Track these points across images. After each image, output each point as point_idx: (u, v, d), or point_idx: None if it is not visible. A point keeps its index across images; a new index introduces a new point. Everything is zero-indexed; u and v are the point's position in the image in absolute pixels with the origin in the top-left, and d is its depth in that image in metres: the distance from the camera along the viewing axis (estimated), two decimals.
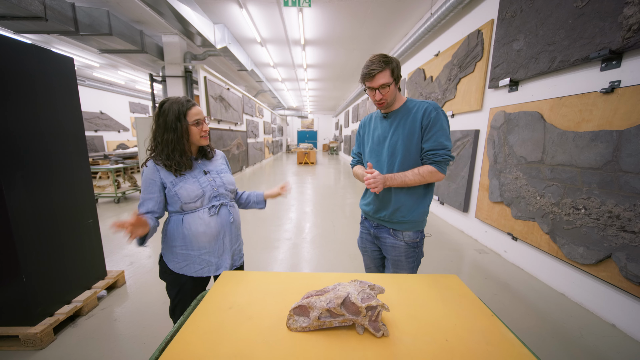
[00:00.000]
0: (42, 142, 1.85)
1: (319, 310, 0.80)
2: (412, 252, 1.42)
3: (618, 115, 1.94)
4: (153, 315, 2.11)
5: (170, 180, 1.24)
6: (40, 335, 1.73)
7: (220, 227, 1.34)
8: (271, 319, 0.87)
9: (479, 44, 3.51)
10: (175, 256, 1.31)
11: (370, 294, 0.82)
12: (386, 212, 1.41)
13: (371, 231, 1.53)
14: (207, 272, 1.34)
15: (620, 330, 1.97)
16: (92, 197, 2.28)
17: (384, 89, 1.27)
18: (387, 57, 1.25)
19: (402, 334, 0.81)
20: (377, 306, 0.79)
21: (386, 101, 1.32)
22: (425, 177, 1.29)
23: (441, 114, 1.29)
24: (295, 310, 0.84)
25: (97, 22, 4.92)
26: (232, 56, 7.02)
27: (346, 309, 0.80)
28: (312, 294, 0.86)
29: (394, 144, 1.36)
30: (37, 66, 1.82)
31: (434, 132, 1.28)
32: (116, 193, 5.56)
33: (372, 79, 1.26)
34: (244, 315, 0.89)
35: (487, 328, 0.84)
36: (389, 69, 1.24)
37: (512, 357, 0.73)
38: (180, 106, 1.22)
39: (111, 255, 3.11)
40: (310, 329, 0.82)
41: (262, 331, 0.82)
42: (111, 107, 11.67)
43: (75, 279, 2.12)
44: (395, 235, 1.41)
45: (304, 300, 0.84)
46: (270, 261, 3.07)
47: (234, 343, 0.77)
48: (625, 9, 1.87)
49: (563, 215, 2.35)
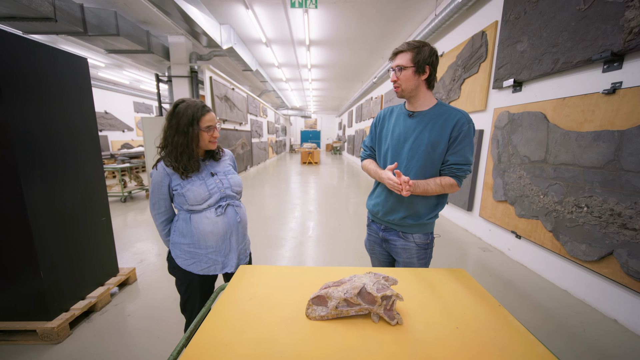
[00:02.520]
0: (59, 141, 1.89)
1: (337, 300, 0.84)
2: (424, 253, 1.39)
3: (619, 115, 1.99)
4: (165, 311, 2.16)
5: (178, 183, 1.27)
6: (57, 330, 1.77)
7: (228, 226, 1.35)
8: (290, 309, 0.91)
9: (483, 45, 3.56)
10: (182, 253, 1.33)
11: (385, 285, 0.86)
12: (396, 216, 1.36)
13: (380, 234, 1.48)
14: (213, 270, 1.35)
15: (621, 325, 2.02)
16: (105, 195, 2.32)
17: (399, 72, 1.22)
18: (420, 43, 1.20)
19: (415, 322, 0.85)
20: (392, 296, 0.83)
21: (400, 87, 1.25)
22: (445, 189, 1.26)
23: (472, 128, 1.23)
24: (314, 300, 0.88)
25: (105, 23, 5.00)
26: (238, 56, 7.08)
27: (362, 299, 0.84)
28: (329, 284, 0.90)
29: (416, 148, 1.27)
30: (52, 66, 1.85)
31: (463, 146, 1.22)
32: (123, 192, 5.62)
33: (395, 57, 1.24)
34: (264, 305, 0.93)
35: (494, 317, 0.88)
36: (412, 53, 1.19)
37: (519, 344, 0.77)
38: (195, 111, 1.22)
39: (122, 253, 3.17)
40: (328, 317, 0.86)
41: (283, 320, 0.86)
42: (115, 107, 11.75)
43: (89, 275, 2.16)
44: (405, 237, 1.37)
45: (322, 291, 0.88)
46: (278, 258, 3.13)
47: (258, 330, 0.81)
48: (627, 12, 1.92)
49: (566, 214, 2.40)
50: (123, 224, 4.29)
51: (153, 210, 1.33)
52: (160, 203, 1.31)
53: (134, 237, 3.72)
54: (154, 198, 1.30)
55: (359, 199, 6.13)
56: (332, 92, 15.34)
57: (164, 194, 1.30)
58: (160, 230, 1.38)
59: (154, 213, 1.33)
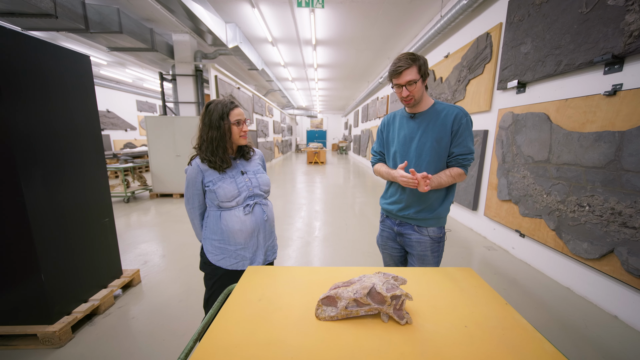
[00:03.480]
0: (61, 140, 1.85)
1: (347, 300, 0.85)
2: (437, 246, 1.47)
3: (620, 116, 2.03)
4: (170, 313, 2.15)
5: (211, 180, 1.35)
6: (59, 334, 1.73)
7: (255, 225, 1.42)
8: (300, 310, 0.91)
9: (488, 47, 3.60)
10: (213, 248, 1.41)
11: (394, 284, 0.87)
12: (411, 210, 1.44)
13: (394, 229, 1.55)
14: (241, 266, 1.42)
15: (621, 321, 2.07)
16: (108, 196, 2.28)
17: (411, 86, 1.30)
18: (415, 55, 1.29)
19: (424, 321, 0.86)
20: (402, 295, 0.84)
21: (413, 98, 1.34)
22: (456, 179, 1.37)
23: (470, 120, 1.36)
24: (324, 301, 0.88)
25: (107, 20, 4.93)
26: (243, 55, 7.07)
27: (372, 299, 0.85)
28: (339, 285, 0.91)
29: (422, 146, 1.39)
30: (54, 64, 1.81)
31: (464, 137, 1.34)
32: (126, 192, 5.61)
33: (399, 75, 1.29)
34: (273, 306, 0.93)
35: (502, 315, 0.90)
36: (415, 66, 1.28)
37: (526, 341, 0.78)
38: (224, 107, 1.32)
39: (125, 254, 3.15)
40: (337, 318, 0.86)
41: (293, 320, 0.86)
42: (118, 106, 11.60)
43: (91, 277, 2.12)
44: (420, 231, 1.46)
45: (332, 291, 0.88)
46: (285, 259, 3.16)
47: (268, 331, 0.81)
48: (627, 15, 1.97)
49: (568, 213, 2.45)
50: (126, 224, 4.29)
51: (188, 205, 1.43)
52: (194, 198, 1.40)
53: (138, 238, 3.72)
54: (188, 193, 1.40)
55: (365, 198, 6.19)
56: (338, 92, 15.37)
57: (198, 189, 1.38)
58: (196, 224, 1.47)
59: (189, 207, 1.44)
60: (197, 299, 2.29)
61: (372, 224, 4.41)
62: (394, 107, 8.17)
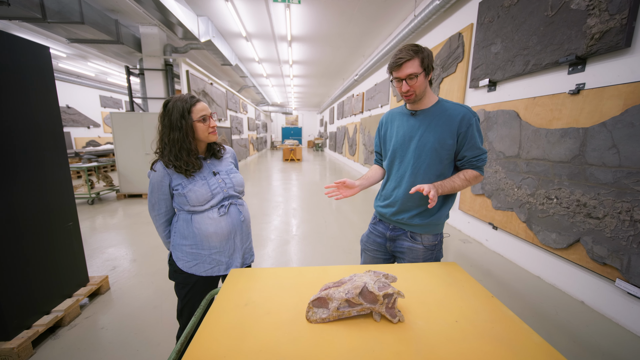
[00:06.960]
0: (17, 139, 1.71)
1: (338, 301, 0.83)
2: (430, 254, 1.36)
3: (583, 114, 2.17)
4: (144, 321, 2.04)
5: (180, 183, 1.22)
6: (17, 350, 1.60)
7: (232, 226, 1.31)
8: (289, 313, 0.88)
9: (460, 46, 3.71)
10: (184, 255, 1.27)
11: (386, 283, 0.86)
12: (406, 215, 1.33)
13: (387, 234, 1.43)
14: (217, 271, 1.30)
15: (588, 306, 2.22)
16: (72, 198, 2.14)
17: (412, 80, 1.18)
18: (418, 46, 1.19)
19: (416, 318, 0.86)
20: (394, 293, 0.83)
21: (414, 93, 1.22)
22: (471, 182, 1.26)
23: (478, 119, 1.25)
24: (314, 303, 0.85)
25: (67, 9, 4.52)
26: (216, 50, 6.87)
27: (364, 298, 0.83)
28: (329, 285, 0.88)
29: (422, 146, 1.27)
30: (9, 56, 1.66)
31: (475, 139, 1.23)
32: (90, 194, 5.27)
33: (400, 68, 1.18)
34: (261, 310, 0.89)
35: (489, 308, 0.92)
36: (418, 58, 1.16)
37: (515, 334, 0.80)
38: (184, 103, 1.18)
39: (92, 260, 2.98)
40: (329, 319, 0.83)
41: (282, 325, 0.82)
42: (79, 101, 10.88)
43: (54, 287, 1.98)
44: (414, 238, 1.35)
45: (323, 292, 0.85)
46: (265, 258, 3.10)
47: (256, 338, 0.77)
48: (589, 19, 2.09)
49: (538, 205, 2.58)
50: (91, 228, 4.02)
51: (152, 212, 1.28)
52: (161, 204, 1.27)
53: (105, 242, 3.49)
54: (153, 198, 1.26)
55: None
56: (313, 89, 15.33)
57: (165, 193, 1.25)
58: (161, 232, 1.34)
59: (154, 214, 1.29)
60: (172, 305, 2.17)
61: (350, 220, 4.44)
62: (370, 104, 8.27)
